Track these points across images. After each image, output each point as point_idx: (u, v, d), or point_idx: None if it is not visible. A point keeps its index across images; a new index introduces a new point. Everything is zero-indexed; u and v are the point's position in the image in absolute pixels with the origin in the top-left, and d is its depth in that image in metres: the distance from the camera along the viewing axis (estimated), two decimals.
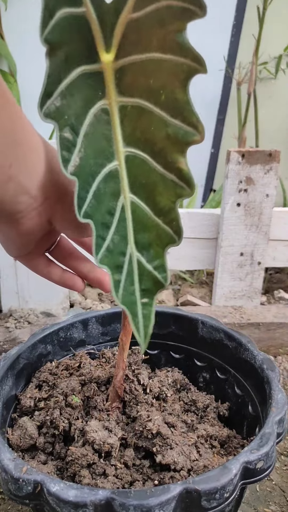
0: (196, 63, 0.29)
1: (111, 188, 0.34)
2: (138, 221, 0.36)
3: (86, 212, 0.34)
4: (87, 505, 0.33)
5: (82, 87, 0.31)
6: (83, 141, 0.32)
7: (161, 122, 0.32)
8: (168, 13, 0.28)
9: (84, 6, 0.28)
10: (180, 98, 0.31)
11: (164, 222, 0.36)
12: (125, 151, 0.33)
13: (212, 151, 1.52)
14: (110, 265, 0.36)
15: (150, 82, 0.31)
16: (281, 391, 0.46)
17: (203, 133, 0.32)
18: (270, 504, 0.58)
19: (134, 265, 0.37)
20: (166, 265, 0.38)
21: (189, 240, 0.91)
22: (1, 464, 0.38)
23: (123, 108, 0.32)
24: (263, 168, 0.85)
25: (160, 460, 0.43)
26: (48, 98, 0.30)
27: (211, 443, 0.49)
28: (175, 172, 0.34)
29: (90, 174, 0.33)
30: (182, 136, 0.32)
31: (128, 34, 0.29)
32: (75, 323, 0.61)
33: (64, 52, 0.29)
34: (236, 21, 1.35)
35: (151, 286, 0.38)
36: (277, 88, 1.44)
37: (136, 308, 0.39)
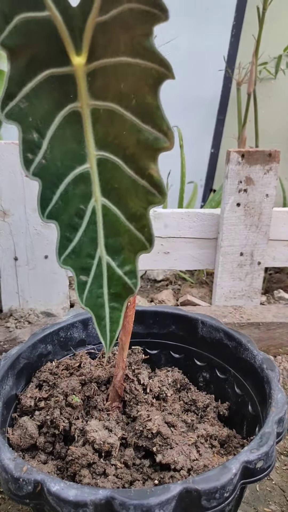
0: (163, 68, 0.29)
1: (81, 191, 0.34)
2: (109, 225, 0.36)
3: (50, 212, 0.34)
4: (87, 504, 0.33)
5: (50, 90, 0.30)
6: (49, 143, 0.32)
7: (132, 127, 0.32)
8: (132, 17, 0.28)
9: (48, 10, 0.27)
10: (150, 103, 0.31)
11: (136, 228, 0.36)
12: (97, 154, 0.33)
13: (212, 151, 1.52)
14: (75, 266, 0.36)
15: (121, 86, 0.30)
16: (280, 390, 0.46)
17: (172, 140, 0.32)
18: (270, 503, 0.58)
19: (103, 268, 0.37)
20: (137, 271, 0.37)
21: (189, 240, 0.91)
22: (2, 463, 0.38)
23: (96, 111, 0.32)
24: (263, 168, 0.85)
25: (160, 459, 0.43)
26: (10, 100, 0.30)
27: (211, 442, 0.49)
28: (146, 178, 0.33)
29: (57, 175, 0.33)
30: (152, 142, 0.32)
31: (97, 37, 0.29)
32: (76, 323, 0.61)
33: (27, 56, 0.29)
34: (236, 21, 1.35)
35: (120, 291, 0.38)
36: (277, 88, 1.44)
37: (104, 311, 0.39)
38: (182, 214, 0.89)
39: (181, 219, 0.89)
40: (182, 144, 1.11)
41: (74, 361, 0.57)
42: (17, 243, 0.83)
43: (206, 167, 1.54)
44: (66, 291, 0.89)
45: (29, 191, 0.80)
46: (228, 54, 1.38)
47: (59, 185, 0.33)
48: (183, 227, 0.90)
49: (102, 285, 0.38)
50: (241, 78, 1.09)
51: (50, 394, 0.52)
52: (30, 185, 0.79)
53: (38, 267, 0.86)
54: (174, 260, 0.93)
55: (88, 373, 0.54)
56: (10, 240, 0.83)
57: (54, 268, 0.86)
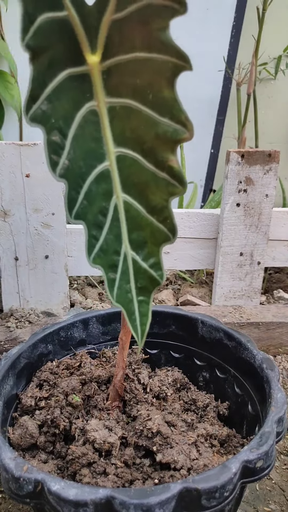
0: (181, 61, 0.29)
1: (103, 189, 0.34)
2: (131, 220, 0.36)
3: (77, 213, 0.34)
4: (88, 504, 0.33)
5: (69, 90, 0.30)
6: (71, 144, 0.32)
7: (150, 121, 0.32)
8: (149, 12, 0.28)
9: (66, 9, 0.28)
10: (167, 96, 0.31)
11: (158, 220, 0.36)
12: (116, 152, 0.33)
13: (212, 152, 1.52)
14: (103, 264, 0.36)
15: (137, 81, 0.31)
16: (280, 390, 0.47)
17: (192, 130, 0.32)
18: (270, 503, 0.58)
19: (129, 263, 0.37)
20: (162, 263, 0.38)
21: (189, 240, 0.92)
22: (2, 463, 0.38)
23: (112, 108, 0.32)
24: (263, 168, 0.85)
25: (160, 459, 0.43)
26: (33, 103, 0.30)
27: (211, 442, 0.49)
28: (166, 170, 0.34)
29: (80, 175, 0.33)
30: (171, 134, 0.32)
31: (112, 35, 0.29)
32: (76, 323, 0.61)
33: (48, 57, 0.29)
34: (236, 21, 1.35)
35: (147, 284, 0.38)
36: (277, 89, 1.44)
37: (133, 306, 0.39)
38: (182, 214, 0.89)
39: (181, 219, 0.89)
40: (182, 144, 1.11)
41: (75, 361, 0.57)
42: (18, 243, 0.83)
43: (206, 167, 1.54)
44: (66, 291, 0.89)
45: (30, 191, 0.80)
46: (228, 55, 1.38)
47: (82, 185, 0.34)
48: (183, 227, 0.90)
49: (130, 280, 0.38)
50: (241, 79, 1.09)
51: (51, 393, 0.52)
52: (30, 185, 0.80)
53: (39, 267, 0.86)
54: (174, 260, 0.93)
55: (88, 373, 0.54)
56: (10, 240, 0.83)
57: (55, 268, 0.86)
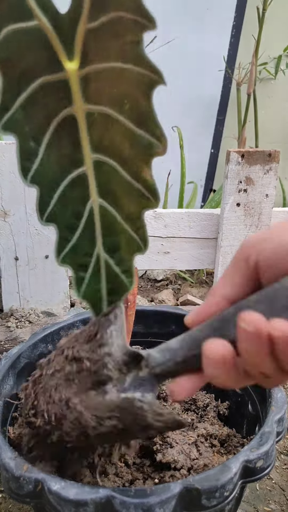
0: (155, 75, 0.30)
1: (78, 193, 0.35)
2: (107, 225, 0.36)
3: (49, 216, 0.35)
4: (88, 503, 0.33)
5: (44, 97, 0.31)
6: (46, 150, 0.32)
7: (127, 131, 0.32)
8: (121, 24, 0.28)
9: (36, 19, 0.28)
10: (144, 108, 0.31)
11: (132, 229, 0.37)
12: (93, 157, 0.34)
13: (212, 151, 1.52)
14: (73, 264, 0.37)
15: (115, 90, 0.31)
16: (280, 390, 0.47)
17: (165, 146, 0.32)
18: (270, 502, 0.59)
19: (102, 265, 0.38)
20: (133, 271, 0.38)
21: (189, 240, 0.92)
22: (2, 462, 0.38)
23: (90, 115, 0.32)
24: (263, 168, 0.85)
25: (160, 458, 0.43)
26: (6, 112, 0.30)
27: (211, 442, 0.49)
28: (141, 182, 0.34)
29: (54, 180, 0.34)
30: (145, 147, 0.32)
31: (89, 43, 0.29)
32: (76, 323, 0.61)
33: (20, 67, 0.29)
34: (236, 21, 1.35)
35: (117, 288, 0.39)
36: (277, 89, 1.44)
37: (102, 305, 0.40)
38: (182, 214, 0.89)
39: (181, 219, 0.89)
40: (182, 144, 1.11)
41: None
42: (18, 243, 0.83)
43: (206, 167, 1.54)
44: (66, 290, 0.89)
45: (30, 191, 0.80)
46: (228, 55, 1.38)
47: (56, 189, 0.34)
48: (183, 227, 0.90)
49: (100, 280, 0.38)
50: (241, 79, 1.09)
51: None
52: None
53: (39, 267, 0.86)
54: (174, 260, 0.93)
55: None
56: (10, 240, 0.83)
57: (55, 268, 0.86)
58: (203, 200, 1.58)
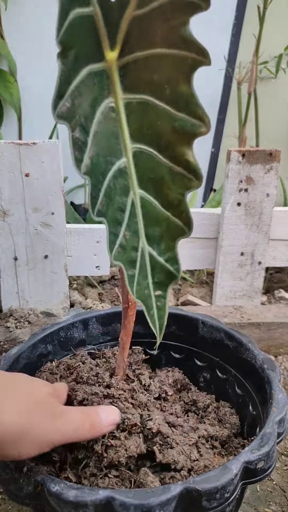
0: (200, 56, 0.29)
1: (120, 185, 0.35)
2: (148, 216, 0.36)
3: (99, 210, 0.34)
4: (88, 505, 0.33)
5: (90, 86, 0.31)
6: (93, 140, 0.32)
7: (167, 116, 0.32)
8: (172, 8, 0.28)
9: (92, 5, 0.28)
10: (184, 91, 0.31)
11: (174, 215, 0.36)
12: (132, 147, 0.33)
13: (213, 151, 1.52)
14: (124, 261, 0.37)
15: (154, 77, 0.31)
16: (281, 391, 0.46)
17: (209, 124, 0.32)
18: (271, 504, 0.58)
19: (146, 259, 0.38)
20: (178, 257, 0.38)
21: (189, 240, 0.91)
22: (2, 464, 0.38)
23: (129, 104, 0.32)
24: (264, 167, 0.85)
25: (160, 459, 0.43)
26: (60, 99, 0.30)
27: (211, 443, 0.49)
28: (182, 165, 0.34)
29: (101, 172, 0.33)
30: (188, 129, 0.32)
31: (132, 31, 0.29)
32: (76, 323, 0.61)
33: (74, 53, 0.29)
34: (236, 20, 1.35)
35: (163, 279, 0.39)
36: (278, 88, 1.44)
37: (151, 300, 0.39)
38: None
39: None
40: None
41: (75, 361, 0.57)
42: (17, 243, 0.83)
43: (206, 166, 1.54)
44: (66, 291, 0.89)
45: (29, 191, 0.80)
46: (229, 54, 1.38)
47: (103, 181, 0.34)
48: None
49: (147, 275, 0.38)
50: (241, 78, 1.08)
51: None
52: (29, 184, 0.79)
53: (38, 267, 0.86)
54: None
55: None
56: (10, 240, 0.83)
57: (54, 268, 0.86)
58: (203, 200, 1.58)
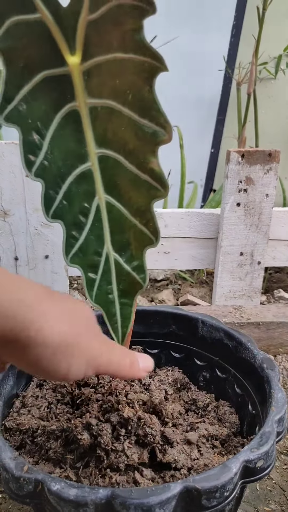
0: (156, 61, 0.29)
1: (84, 189, 0.34)
2: (114, 222, 0.36)
3: (55, 212, 0.34)
4: (88, 504, 0.33)
5: (47, 91, 0.31)
6: (50, 144, 0.32)
7: (130, 122, 0.32)
8: (121, 12, 0.28)
9: (39, 12, 0.28)
10: (146, 97, 0.31)
11: (141, 223, 0.36)
12: (97, 152, 0.33)
13: (212, 151, 1.52)
14: (82, 264, 0.36)
15: (117, 82, 0.31)
16: (281, 390, 0.46)
17: (170, 132, 0.32)
18: (270, 503, 0.58)
19: (111, 264, 0.37)
20: (145, 266, 0.37)
21: (189, 240, 0.91)
22: (2, 463, 0.38)
23: (94, 109, 0.32)
24: (263, 168, 0.85)
25: (160, 458, 0.43)
26: (8, 104, 0.30)
27: (211, 442, 0.49)
28: (148, 173, 0.34)
29: (59, 175, 0.33)
30: (151, 136, 0.32)
31: (90, 35, 0.29)
32: None
33: (22, 58, 0.29)
34: (236, 21, 1.35)
35: (129, 287, 0.38)
36: (277, 88, 1.44)
37: (114, 308, 0.39)
38: (182, 214, 0.89)
39: (181, 219, 0.89)
40: (182, 144, 1.11)
41: None
42: (18, 243, 0.83)
43: (206, 167, 1.54)
44: (66, 291, 0.89)
45: (30, 191, 0.80)
46: (228, 54, 1.38)
47: (61, 185, 0.34)
48: (183, 227, 0.90)
49: (111, 281, 0.38)
50: (241, 78, 1.09)
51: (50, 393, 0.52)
52: (30, 185, 0.79)
53: (39, 267, 0.86)
54: (174, 259, 0.93)
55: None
56: (10, 240, 0.83)
57: (55, 268, 0.86)
58: (203, 200, 1.58)
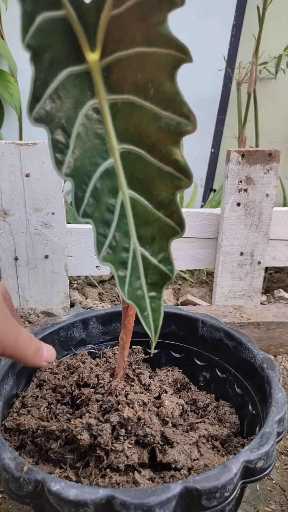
0: (180, 53, 0.29)
1: (108, 186, 0.34)
2: (139, 216, 0.36)
3: (85, 211, 0.34)
4: (88, 504, 0.33)
5: (71, 88, 0.31)
6: (75, 142, 0.32)
7: (152, 116, 0.32)
8: (147, 6, 0.28)
9: (64, 8, 0.28)
10: (169, 90, 0.31)
11: (165, 215, 0.36)
12: (119, 148, 0.33)
13: (212, 151, 1.52)
14: (113, 262, 0.37)
15: (138, 77, 0.31)
16: (281, 390, 0.46)
17: (195, 122, 0.32)
18: (271, 503, 0.58)
19: (138, 260, 0.37)
20: (171, 258, 0.38)
21: (189, 240, 0.91)
22: (2, 463, 0.38)
23: (114, 105, 0.32)
24: (263, 168, 0.85)
25: (160, 458, 0.43)
26: (36, 103, 0.30)
27: (212, 443, 0.49)
28: (171, 164, 0.34)
29: (86, 173, 0.33)
30: (174, 128, 0.32)
31: (111, 31, 0.29)
32: (76, 323, 0.61)
33: (49, 56, 0.29)
34: (236, 21, 1.35)
35: (157, 280, 0.38)
36: (277, 88, 1.44)
37: (144, 302, 0.39)
38: None
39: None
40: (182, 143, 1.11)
41: (75, 361, 0.57)
42: (18, 243, 0.83)
43: (206, 166, 1.54)
44: (66, 290, 0.89)
45: (29, 191, 0.80)
46: (228, 54, 1.38)
47: (88, 183, 0.34)
48: None
49: (140, 276, 0.38)
50: (241, 78, 1.09)
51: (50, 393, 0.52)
52: (30, 184, 0.79)
53: (39, 267, 0.86)
54: (174, 259, 0.93)
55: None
56: (10, 240, 0.83)
57: (55, 268, 0.86)
58: (203, 200, 1.58)
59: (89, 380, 0.52)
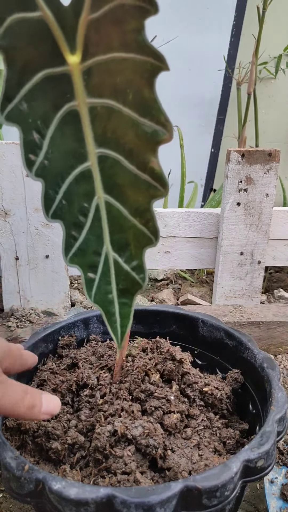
0: (157, 61, 0.29)
1: (83, 189, 0.34)
2: (114, 221, 0.36)
3: (55, 212, 0.34)
4: (89, 503, 0.33)
5: (47, 90, 0.30)
6: (50, 143, 0.32)
7: (130, 122, 0.32)
8: (123, 12, 0.28)
9: (40, 10, 0.28)
10: (147, 97, 0.31)
11: (141, 223, 0.36)
12: (97, 152, 0.33)
13: (212, 151, 1.52)
14: (82, 264, 0.36)
15: (117, 81, 0.31)
16: (281, 389, 0.47)
17: (171, 131, 0.32)
18: None
19: (110, 265, 0.37)
20: (144, 266, 0.37)
21: (189, 240, 0.92)
22: (3, 462, 0.38)
23: (93, 109, 0.32)
24: (263, 167, 0.85)
25: (161, 464, 0.43)
26: (9, 103, 0.30)
27: (212, 443, 0.49)
28: (148, 172, 0.33)
29: (59, 175, 0.33)
30: (151, 135, 0.32)
31: (91, 35, 0.29)
32: (77, 322, 0.61)
33: (23, 57, 0.29)
34: (236, 21, 1.35)
35: (129, 286, 0.38)
36: (277, 88, 1.44)
37: (113, 307, 0.39)
38: (182, 214, 0.89)
39: (181, 219, 0.89)
40: (182, 144, 1.11)
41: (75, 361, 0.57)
42: (18, 243, 0.83)
43: (206, 166, 1.54)
44: (67, 290, 0.89)
45: (30, 191, 0.80)
46: (228, 54, 1.38)
47: (61, 184, 0.34)
48: (183, 227, 0.90)
49: (110, 281, 0.38)
50: (241, 78, 1.09)
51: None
52: (30, 184, 0.80)
53: (39, 266, 0.86)
54: (175, 259, 0.93)
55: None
56: (11, 240, 0.83)
57: (55, 268, 0.86)
58: (203, 200, 1.58)
59: (88, 381, 0.53)
